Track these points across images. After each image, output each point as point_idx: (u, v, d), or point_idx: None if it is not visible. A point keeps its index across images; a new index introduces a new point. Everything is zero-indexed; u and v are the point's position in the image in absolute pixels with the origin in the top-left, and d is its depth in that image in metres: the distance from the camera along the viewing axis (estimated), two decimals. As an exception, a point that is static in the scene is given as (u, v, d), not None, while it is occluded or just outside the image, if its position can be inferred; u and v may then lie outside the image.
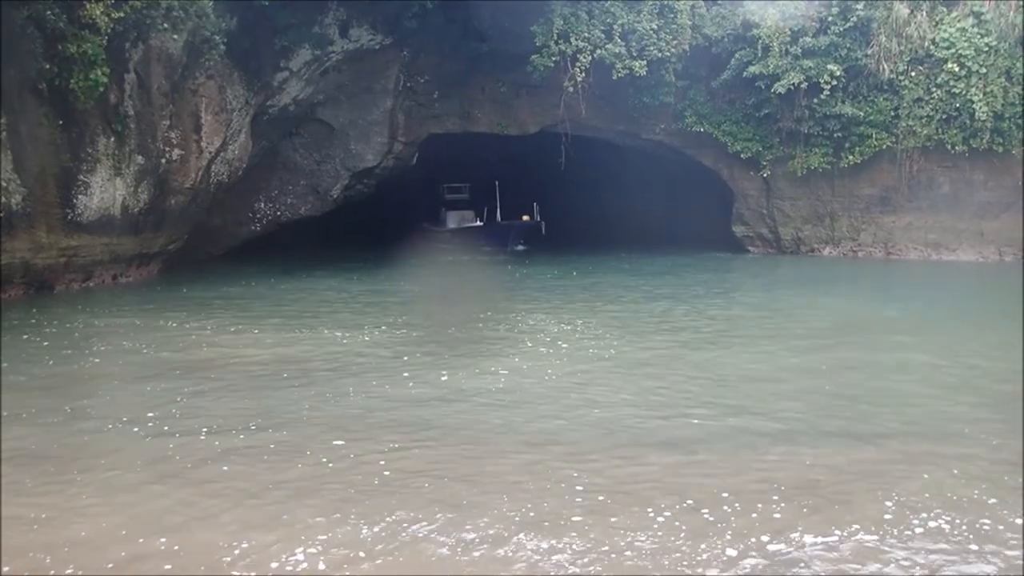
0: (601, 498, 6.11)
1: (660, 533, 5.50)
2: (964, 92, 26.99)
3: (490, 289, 22.23)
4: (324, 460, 7.04)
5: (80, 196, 18.72)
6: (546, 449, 7.37)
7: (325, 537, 5.48)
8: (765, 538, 5.39)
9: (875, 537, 5.45)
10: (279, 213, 30.58)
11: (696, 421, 8.27)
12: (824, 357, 11.63)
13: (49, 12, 15.78)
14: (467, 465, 6.98)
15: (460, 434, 7.88)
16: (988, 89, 26.67)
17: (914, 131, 28.27)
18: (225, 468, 6.85)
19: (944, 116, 27.71)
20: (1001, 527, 5.62)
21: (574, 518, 5.71)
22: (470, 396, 9.39)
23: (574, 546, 5.32)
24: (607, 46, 27.64)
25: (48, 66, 16.46)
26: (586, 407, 8.86)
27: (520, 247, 35.21)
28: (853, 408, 8.76)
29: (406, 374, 10.57)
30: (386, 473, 6.74)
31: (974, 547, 5.32)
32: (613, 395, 9.39)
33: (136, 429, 8.04)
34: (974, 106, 26.72)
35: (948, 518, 5.75)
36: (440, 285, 22.82)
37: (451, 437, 7.79)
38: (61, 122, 17.59)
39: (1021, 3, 26.32)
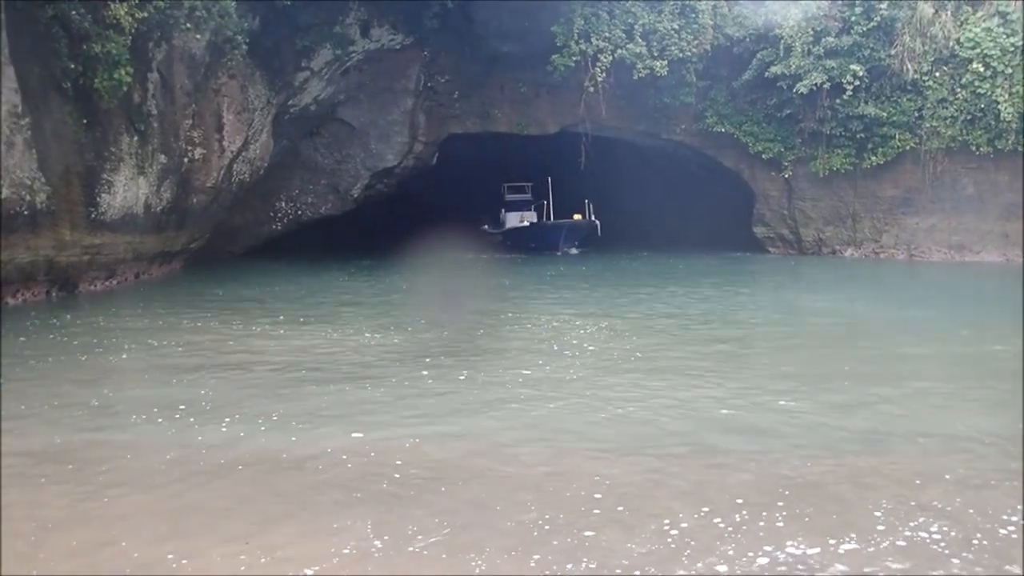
0: (620, 508, 6.07)
1: (675, 544, 5.47)
2: (989, 92, 26.71)
3: (511, 288, 22.23)
4: (344, 458, 7.08)
5: (104, 195, 18.89)
6: (565, 453, 7.35)
7: (338, 539, 5.49)
8: (768, 547, 5.37)
9: (876, 544, 5.41)
10: (300, 212, 30.75)
11: (716, 425, 8.24)
12: (845, 362, 11.55)
13: (74, 12, 15.94)
14: (484, 468, 6.96)
15: (477, 436, 7.88)
16: (1014, 89, 26.37)
17: (938, 132, 28.02)
18: (240, 467, 6.89)
19: (969, 117, 27.44)
20: (1002, 532, 5.58)
21: (587, 532, 5.66)
22: (490, 398, 9.39)
23: (587, 554, 5.30)
24: (628, 46, 27.63)
25: (72, 65, 16.61)
26: (608, 411, 8.82)
27: (575, 250, 33.59)
28: (869, 413, 8.71)
29: (425, 372, 10.61)
30: (396, 475, 6.74)
31: (972, 554, 5.28)
32: (635, 399, 9.35)
33: (160, 421, 8.18)
34: (999, 107, 26.43)
35: (950, 525, 5.69)
36: (460, 285, 22.80)
37: (468, 439, 7.79)
38: (85, 121, 17.75)
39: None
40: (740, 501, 6.09)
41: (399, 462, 7.00)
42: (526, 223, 35.06)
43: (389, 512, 5.93)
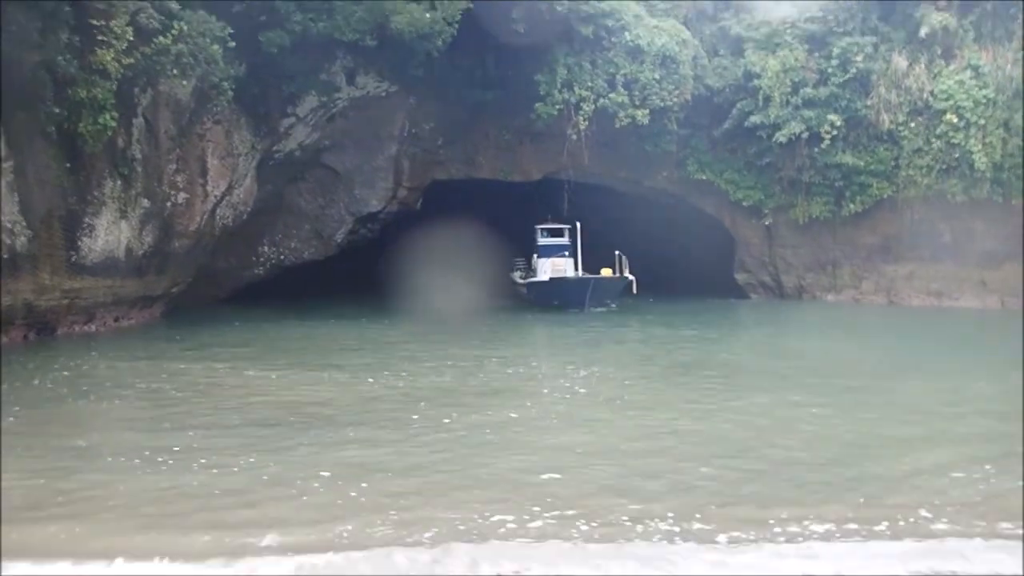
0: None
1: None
2: (963, 143, 27.22)
3: (501, 331, 22.22)
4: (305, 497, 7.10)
5: (85, 238, 18.84)
6: (539, 493, 7.36)
7: None
8: None
9: None
10: (283, 257, 30.69)
11: (696, 470, 8.25)
12: (828, 403, 11.62)
13: (60, 57, 16.05)
14: (453, 512, 6.93)
15: (456, 483, 7.90)
16: (987, 140, 26.90)
17: (914, 180, 28.46)
18: (214, 501, 7.02)
19: (944, 166, 27.90)
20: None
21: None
22: (473, 442, 9.43)
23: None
24: (610, 95, 28.03)
25: (57, 110, 16.68)
26: (590, 455, 8.85)
27: (600, 308, 28.80)
28: (850, 459, 8.76)
29: (415, 416, 10.64)
30: (358, 494, 6.81)
31: None
32: (621, 442, 9.42)
33: (140, 464, 8.23)
34: (973, 156, 26.92)
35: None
36: (445, 323, 22.71)
37: (445, 481, 7.82)
38: (68, 165, 17.78)
39: (1020, 56, 26.68)
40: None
41: (354, 493, 7.13)
42: (546, 277, 30.50)
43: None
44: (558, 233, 32.43)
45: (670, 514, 6.81)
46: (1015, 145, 26.79)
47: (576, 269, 30.43)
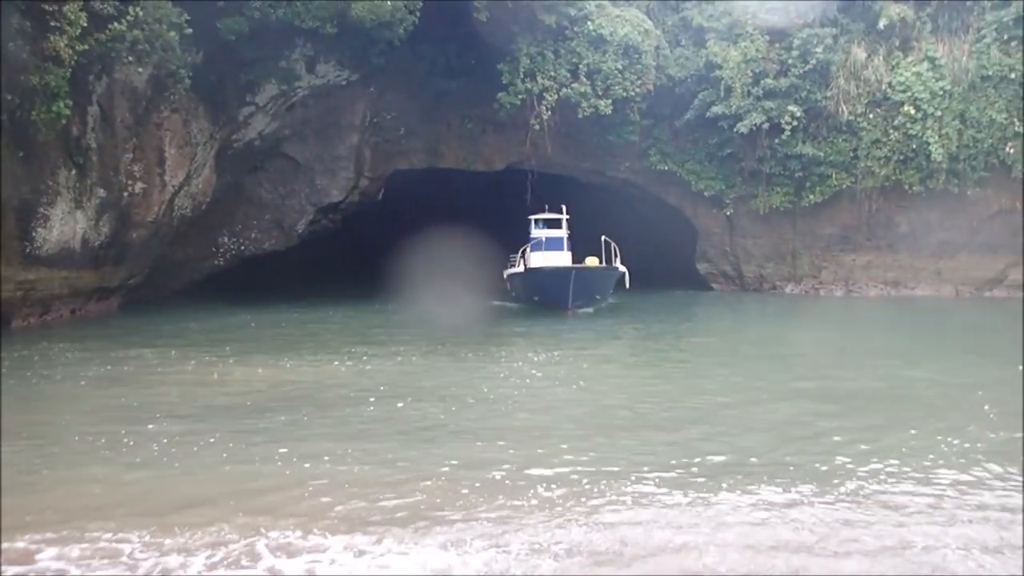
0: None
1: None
2: (920, 134, 27.71)
3: (466, 324, 22.18)
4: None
5: (39, 229, 18.42)
6: (515, 480, 7.37)
7: None
8: None
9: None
10: (242, 247, 30.26)
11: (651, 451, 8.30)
12: (783, 389, 11.77)
13: (11, 43, 15.62)
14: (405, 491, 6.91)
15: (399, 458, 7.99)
16: (943, 132, 27.39)
17: (872, 171, 28.91)
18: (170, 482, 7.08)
19: (901, 157, 28.38)
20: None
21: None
22: (428, 423, 9.55)
23: None
24: (573, 85, 28.00)
25: (9, 97, 16.24)
26: (555, 436, 8.91)
27: (583, 307, 25.63)
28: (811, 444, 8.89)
29: (372, 399, 10.68)
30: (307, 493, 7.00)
31: None
32: (579, 427, 9.47)
33: (99, 448, 8.23)
34: (930, 148, 27.41)
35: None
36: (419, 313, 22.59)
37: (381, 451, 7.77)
38: (21, 154, 17.33)
39: (975, 48, 27.19)
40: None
41: (309, 491, 7.14)
42: (521, 268, 27.33)
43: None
44: (555, 224, 29.21)
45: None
46: (970, 136, 27.35)
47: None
